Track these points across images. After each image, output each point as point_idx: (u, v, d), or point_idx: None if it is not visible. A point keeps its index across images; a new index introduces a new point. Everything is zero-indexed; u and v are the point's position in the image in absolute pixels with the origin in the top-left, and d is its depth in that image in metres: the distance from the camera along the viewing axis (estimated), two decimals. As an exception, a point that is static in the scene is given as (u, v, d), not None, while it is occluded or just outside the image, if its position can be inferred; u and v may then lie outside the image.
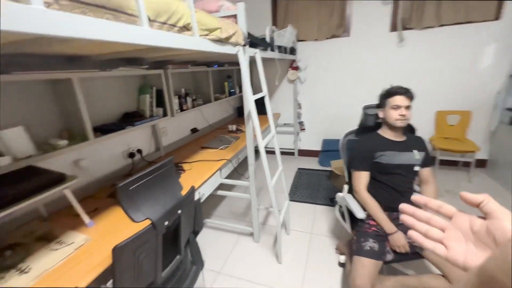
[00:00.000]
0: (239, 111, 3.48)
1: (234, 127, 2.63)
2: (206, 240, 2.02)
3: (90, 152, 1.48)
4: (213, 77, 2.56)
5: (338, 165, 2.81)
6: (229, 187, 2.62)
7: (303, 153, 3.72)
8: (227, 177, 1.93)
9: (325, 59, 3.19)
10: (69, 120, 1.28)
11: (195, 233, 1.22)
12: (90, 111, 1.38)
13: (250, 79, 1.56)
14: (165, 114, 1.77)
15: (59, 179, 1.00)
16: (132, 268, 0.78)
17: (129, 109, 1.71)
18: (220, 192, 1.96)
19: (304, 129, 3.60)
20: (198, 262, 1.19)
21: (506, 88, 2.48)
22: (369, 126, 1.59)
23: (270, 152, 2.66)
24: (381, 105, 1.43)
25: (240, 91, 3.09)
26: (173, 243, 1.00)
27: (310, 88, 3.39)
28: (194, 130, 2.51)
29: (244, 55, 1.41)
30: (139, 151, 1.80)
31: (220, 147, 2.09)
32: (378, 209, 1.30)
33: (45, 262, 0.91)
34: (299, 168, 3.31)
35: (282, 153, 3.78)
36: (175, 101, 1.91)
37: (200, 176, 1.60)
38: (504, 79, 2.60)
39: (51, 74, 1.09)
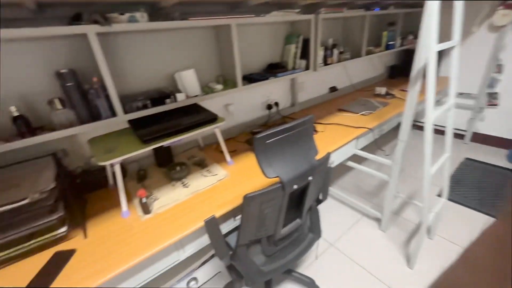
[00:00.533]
0: (392, 71, 2.78)
1: (383, 90, 2.13)
2: (325, 207, 1.93)
3: (237, 98, 1.62)
4: (370, 24, 2.06)
5: (555, 170, 1.74)
6: (362, 159, 2.29)
7: (481, 138, 2.60)
8: (364, 149, 1.63)
9: None
10: (225, 67, 1.40)
11: (319, 201, 1.11)
12: (241, 60, 1.45)
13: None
14: (307, 68, 1.63)
15: (213, 118, 1.14)
16: (257, 218, 0.78)
17: (274, 60, 1.69)
18: (351, 164, 1.72)
19: (496, 104, 2.42)
20: (316, 231, 1.11)
21: None
22: None
23: (420, 127, 2.14)
24: None
25: (402, 43, 2.38)
26: (297, 206, 0.94)
27: (533, 40, 2.10)
28: (333, 89, 2.25)
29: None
30: (276, 104, 1.82)
31: (362, 113, 1.76)
32: None
33: (198, 184, 1.11)
34: (467, 159, 2.38)
35: (442, 132, 2.83)
36: (320, 53, 1.70)
37: (333, 141, 1.42)
38: None
39: (215, 20, 1.16)
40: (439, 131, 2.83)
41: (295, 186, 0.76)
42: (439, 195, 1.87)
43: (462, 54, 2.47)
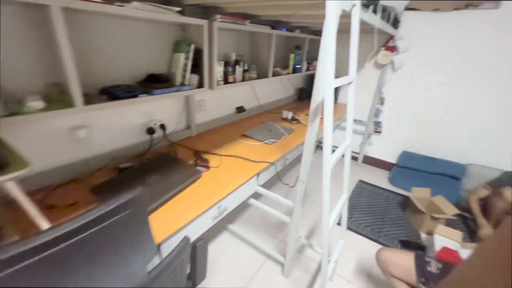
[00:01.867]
0: (301, 94, 2.83)
1: (289, 115, 2.03)
2: (226, 248, 1.61)
3: (96, 118, 1.12)
4: (278, 44, 1.95)
5: (422, 195, 2.01)
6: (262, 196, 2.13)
7: (370, 161, 2.92)
8: (266, 183, 1.41)
9: (442, 40, 2.19)
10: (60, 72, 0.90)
11: (193, 283, 0.76)
12: (93, 65, 0.98)
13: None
14: (200, 85, 1.29)
15: (-4, 165, 0.63)
16: None
17: (158, 70, 1.28)
18: (252, 202, 1.47)
19: (379, 132, 2.75)
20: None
21: None
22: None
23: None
24: None
25: (308, 68, 2.40)
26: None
27: (404, 79, 2.47)
28: (240, 109, 2.01)
29: (334, 3, 0.76)
30: (163, 126, 1.40)
31: (266, 141, 1.56)
32: None
33: None
34: (360, 181, 2.58)
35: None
36: (219, 68, 1.41)
37: (228, 180, 1.12)
38: None
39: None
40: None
41: None
42: (339, 224, 1.87)
43: (358, 85, 2.71)
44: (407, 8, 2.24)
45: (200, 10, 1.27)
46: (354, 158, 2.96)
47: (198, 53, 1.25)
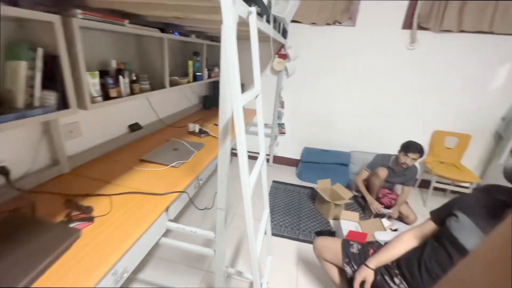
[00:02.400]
0: (206, 102, 2.67)
1: (196, 128, 1.85)
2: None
3: None
4: (173, 50, 1.72)
5: (325, 185, 2.27)
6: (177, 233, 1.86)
7: (279, 160, 3.11)
8: (177, 216, 1.18)
9: (321, 49, 2.56)
10: None
11: None
12: None
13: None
14: (64, 104, 0.92)
15: None
16: None
17: (-22, 87, 0.82)
18: (164, 241, 1.21)
19: (284, 133, 2.97)
20: None
21: (516, 115, 2.20)
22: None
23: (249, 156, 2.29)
24: None
25: (210, 76, 2.28)
26: None
27: (298, 84, 2.75)
28: (134, 127, 1.66)
29: (231, 9, 0.65)
30: (4, 171, 0.93)
31: (173, 163, 1.32)
32: (393, 250, 1.04)
33: None
34: (274, 181, 2.70)
35: (253, 157, 3.12)
36: (92, 80, 1.06)
37: (124, 230, 0.84)
38: (511, 105, 2.32)
39: None
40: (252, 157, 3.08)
41: None
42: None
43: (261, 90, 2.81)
44: (292, 20, 2.48)
45: (49, 1, 0.90)
46: (266, 160, 3.08)
47: (49, 59, 0.88)
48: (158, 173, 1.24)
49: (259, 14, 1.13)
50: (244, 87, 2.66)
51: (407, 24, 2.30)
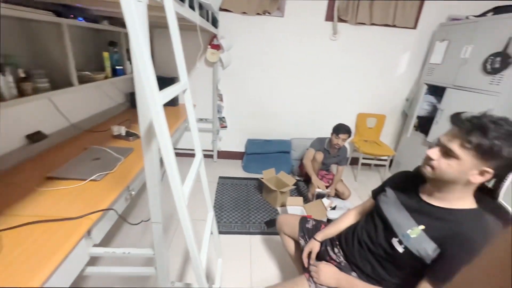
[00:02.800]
0: (134, 99, 2.35)
1: (122, 130, 1.61)
2: None
3: None
4: (79, 39, 1.43)
5: (270, 175, 2.32)
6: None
7: (224, 155, 3.04)
8: (108, 236, 1.00)
9: (254, 40, 2.54)
10: None
11: None
12: None
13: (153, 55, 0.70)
14: None
15: None
16: None
17: None
18: (89, 270, 1.01)
19: (225, 126, 2.89)
20: None
21: (416, 96, 2.65)
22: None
23: (182, 154, 2.13)
24: None
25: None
26: None
27: (234, 76, 2.69)
28: (35, 138, 1.32)
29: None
30: None
31: (93, 176, 1.10)
32: (339, 224, 1.15)
33: None
34: (220, 177, 2.63)
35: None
36: None
37: (25, 273, 0.65)
38: (412, 87, 2.79)
39: None
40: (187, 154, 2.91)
41: None
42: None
43: (196, 84, 2.64)
44: (222, 9, 2.37)
45: None
46: (210, 156, 2.98)
47: None
48: (74, 191, 1.01)
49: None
50: (175, 81, 2.45)
51: (329, 16, 2.47)
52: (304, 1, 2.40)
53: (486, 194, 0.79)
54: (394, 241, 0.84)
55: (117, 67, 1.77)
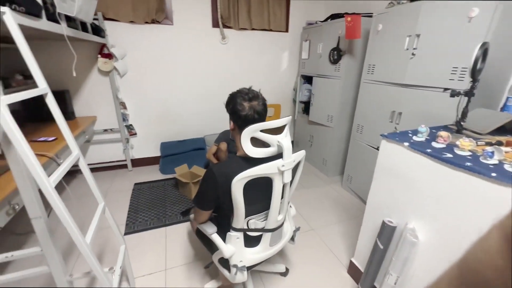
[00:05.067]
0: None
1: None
2: None
3: None
4: None
5: (183, 171, 2.49)
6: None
7: (139, 162, 3.03)
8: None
9: (149, 47, 2.65)
10: None
11: None
12: None
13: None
14: None
15: None
16: None
17: None
18: (-31, 286, 0.99)
19: (135, 134, 2.90)
20: None
21: (298, 86, 3.26)
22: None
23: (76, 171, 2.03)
24: None
25: (9, 85, 1.85)
26: None
27: (134, 83, 2.73)
28: None
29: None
30: None
31: (-44, 196, 1.06)
32: None
33: None
34: (136, 183, 2.64)
35: (110, 167, 2.88)
36: None
37: None
38: (295, 79, 3.41)
39: None
40: (99, 169, 2.83)
41: None
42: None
43: (95, 95, 2.56)
44: (107, 18, 2.40)
45: None
46: (124, 166, 2.93)
47: None
48: None
49: (32, 14, 1.08)
50: (66, 95, 2.35)
51: (215, 23, 2.81)
52: (189, 10, 2.66)
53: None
54: None
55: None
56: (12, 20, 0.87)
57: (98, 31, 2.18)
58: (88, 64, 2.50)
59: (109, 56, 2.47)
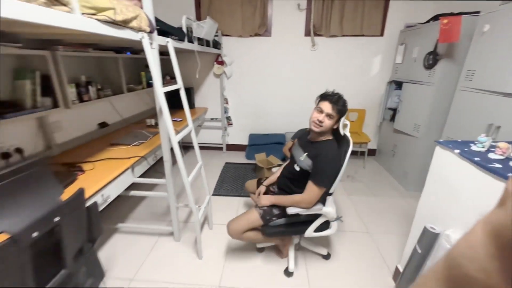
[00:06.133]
0: (162, 105, 3.24)
1: (152, 121, 2.43)
2: (119, 246, 1.81)
3: None
4: (127, 65, 2.29)
5: (261, 158, 2.97)
6: (148, 187, 2.42)
7: (231, 147, 3.77)
8: (142, 176, 1.77)
9: (250, 56, 3.29)
10: None
11: (92, 241, 1.07)
12: None
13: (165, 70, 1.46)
14: (55, 105, 1.48)
15: None
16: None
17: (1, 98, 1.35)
18: (133, 193, 1.78)
19: (231, 124, 3.64)
20: (96, 273, 1.05)
21: (387, 91, 3.11)
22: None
23: (190, 147, 2.00)
24: (315, 103, 1.43)
25: (163, 82, 2.86)
26: (56, 256, 0.85)
27: (236, 84, 3.44)
28: (102, 125, 2.19)
29: (150, 43, 1.30)
30: (19, 150, 1.45)
31: (134, 143, 1.90)
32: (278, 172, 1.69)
33: None
34: (226, 163, 3.35)
35: (211, 148, 3.75)
36: (71, 90, 1.62)
37: (104, 176, 1.41)
38: (385, 85, 3.25)
39: None
40: (204, 148, 3.70)
41: (36, 234, 0.70)
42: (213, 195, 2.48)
43: (208, 92, 3.46)
44: (224, 34, 3.18)
45: (39, 43, 1.45)
46: (220, 148, 3.73)
47: (45, 78, 1.43)
48: (125, 150, 1.81)
49: (179, 40, 1.78)
50: (191, 91, 3.29)
51: (307, 32, 3.12)
52: (285, 22, 3.10)
53: (335, 130, 1.40)
54: (295, 166, 1.46)
55: (150, 82, 2.63)
56: (171, 45, 1.53)
57: (216, 44, 2.95)
58: (206, 69, 3.37)
59: (222, 63, 3.25)
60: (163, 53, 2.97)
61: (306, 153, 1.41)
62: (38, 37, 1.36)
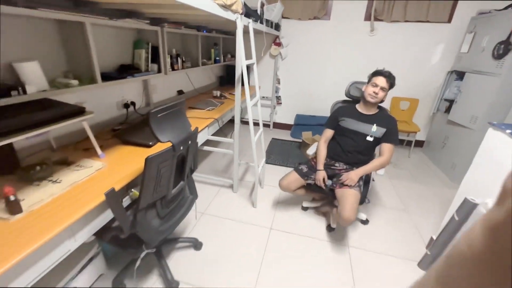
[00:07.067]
0: (221, 80, 3.62)
1: (218, 93, 2.81)
2: (190, 190, 2.28)
3: (89, 97, 1.58)
4: (202, 42, 2.65)
5: (307, 136, 3.21)
6: (213, 144, 2.86)
7: (278, 126, 4.05)
8: (213, 135, 2.16)
9: (306, 38, 3.43)
10: (75, 63, 1.37)
11: (191, 171, 1.46)
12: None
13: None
14: (159, 71, 1.90)
15: (79, 111, 1.15)
16: (155, 178, 1.01)
17: (125, 62, 1.80)
18: (206, 148, 2.19)
19: (280, 103, 3.89)
20: (194, 193, 1.45)
21: (446, 81, 3.02)
22: (355, 98, 1.91)
23: (246, 122, 2.00)
24: (367, 81, 1.69)
25: (225, 59, 3.22)
26: (180, 171, 1.24)
27: (290, 65, 3.65)
28: (180, 92, 2.63)
29: (241, 23, 1.59)
30: (133, 103, 1.92)
31: (207, 108, 2.29)
32: (321, 154, 1.78)
33: (72, 178, 1.09)
34: (273, 138, 3.65)
35: (258, 124, 4.07)
36: (168, 60, 2.03)
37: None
38: (444, 75, 3.14)
39: (62, 14, 1.17)
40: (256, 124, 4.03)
41: (182, 148, 1.08)
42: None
43: (262, 71, 3.73)
44: (284, 17, 3.36)
45: (153, 21, 1.86)
46: (268, 126, 4.04)
47: (153, 49, 1.84)
48: (200, 112, 2.20)
49: (255, 21, 2.05)
50: (250, 68, 3.59)
51: (367, 16, 3.14)
52: (346, 5, 3.15)
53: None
54: (368, 137, 1.67)
55: (216, 58, 2.99)
56: (251, 25, 1.81)
57: (277, 26, 3.16)
58: (265, 49, 3.62)
59: (279, 44, 3.47)
60: (227, 32, 3.31)
61: (375, 124, 1.64)
62: (154, 16, 1.75)
